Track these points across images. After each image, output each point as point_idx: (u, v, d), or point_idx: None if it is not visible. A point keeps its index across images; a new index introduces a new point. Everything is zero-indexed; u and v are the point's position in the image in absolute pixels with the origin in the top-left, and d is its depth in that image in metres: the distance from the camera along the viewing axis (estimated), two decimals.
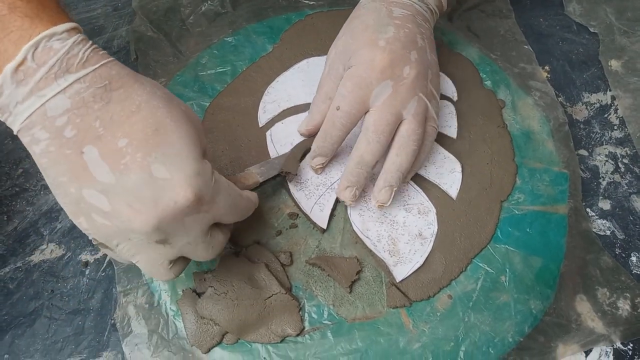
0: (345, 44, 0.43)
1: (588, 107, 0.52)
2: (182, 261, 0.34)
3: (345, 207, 0.44)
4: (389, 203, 0.41)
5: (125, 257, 0.32)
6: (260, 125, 0.47)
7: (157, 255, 0.32)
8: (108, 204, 0.28)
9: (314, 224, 0.43)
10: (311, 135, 0.44)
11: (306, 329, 0.39)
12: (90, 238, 0.34)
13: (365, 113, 0.41)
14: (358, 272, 0.41)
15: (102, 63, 0.29)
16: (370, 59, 0.41)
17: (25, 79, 0.27)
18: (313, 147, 0.43)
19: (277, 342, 0.39)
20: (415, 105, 0.41)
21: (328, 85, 0.44)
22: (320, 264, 0.41)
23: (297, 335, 0.39)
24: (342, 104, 0.41)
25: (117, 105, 0.28)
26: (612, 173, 0.49)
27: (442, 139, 0.47)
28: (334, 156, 0.46)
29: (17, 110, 0.27)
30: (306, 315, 0.40)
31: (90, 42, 0.30)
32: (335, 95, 0.42)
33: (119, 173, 0.28)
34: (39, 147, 0.28)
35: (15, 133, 0.28)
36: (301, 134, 0.45)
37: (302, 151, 0.44)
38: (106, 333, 0.41)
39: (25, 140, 0.28)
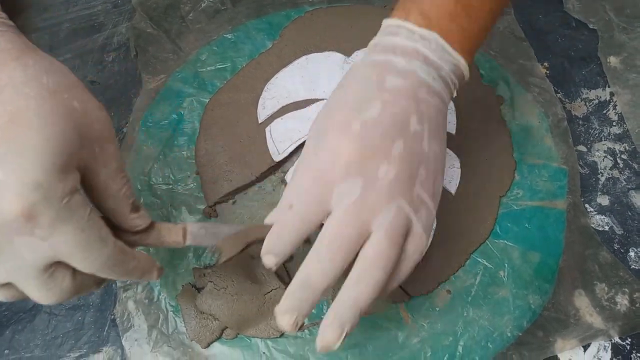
0: (319, 123, 0.32)
1: (587, 103, 0.52)
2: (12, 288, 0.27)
3: None
4: (337, 346, 0.28)
5: None
6: (260, 122, 0.47)
7: None
8: None
9: None
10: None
11: (305, 324, 0.39)
12: None
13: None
14: None
15: None
16: (334, 148, 0.30)
17: None
18: (265, 242, 0.31)
19: (277, 337, 0.39)
20: (390, 218, 0.29)
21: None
22: None
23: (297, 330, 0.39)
24: (295, 202, 0.30)
25: None
26: (611, 169, 0.49)
27: None
28: None
29: None
30: None
31: None
32: (289, 181, 0.33)
33: None
34: None
35: None
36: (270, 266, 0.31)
37: (247, 239, 0.34)
38: (106, 328, 0.41)
39: None
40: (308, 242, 0.31)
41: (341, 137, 0.30)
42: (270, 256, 0.31)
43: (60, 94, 0.26)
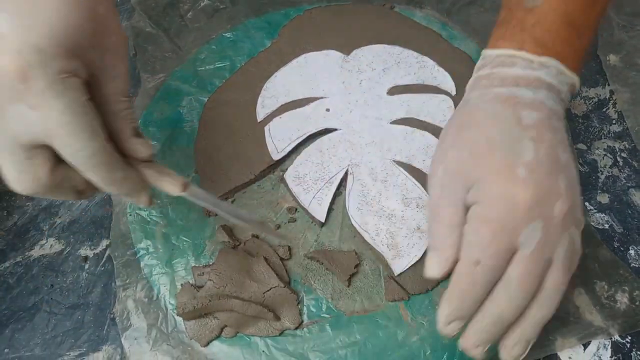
0: (461, 163, 0.33)
1: (586, 102, 0.52)
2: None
3: (344, 201, 0.44)
4: (522, 357, 0.33)
5: None
6: (259, 120, 0.47)
7: None
8: None
9: (313, 218, 0.43)
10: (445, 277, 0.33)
11: (305, 322, 0.39)
12: None
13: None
14: (357, 266, 0.41)
15: None
16: (509, 197, 0.30)
17: None
18: (446, 309, 0.32)
19: (276, 336, 0.39)
20: (566, 247, 0.31)
21: (448, 211, 0.32)
22: (319, 257, 0.41)
23: (296, 328, 0.39)
24: (482, 257, 0.30)
25: None
26: (611, 167, 0.49)
27: (440, 133, 0.47)
28: (331, 150, 0.46)
29: None
30: (305, 308, 0.40)
31: None
32: (462, 225, 0.32)
33: None
34: None
35: None
36: (432, 278, 0.33)
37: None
38: (105, 327, 0.41)
39: None
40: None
41: (511, 185, 0.30)
42: (456, 323, 0.32)
43: None
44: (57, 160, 0.27)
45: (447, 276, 0.42)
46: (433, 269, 0.32)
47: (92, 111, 0.26)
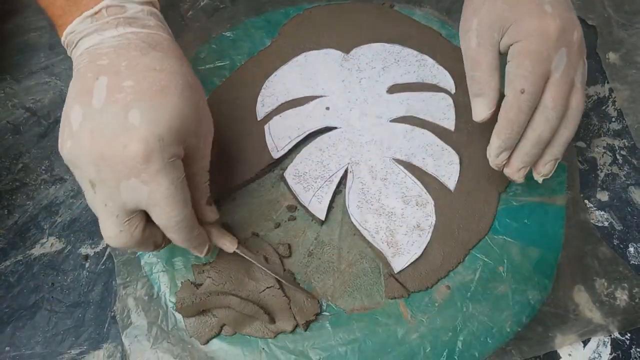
0: (496, 12, 0.38)
1: (586, 100, 0.52)
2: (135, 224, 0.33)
3: (344, 199, 0.44)
4: (550, 175, 0.40)
5: (79, 184, 0.33)
6: (259, 119, 0.48)
7: (88, 199, 0.33)
8: (79, 124, 0.31)
9: (313, 216, 0.43)
10: (492, 118, 0.39)
11: (302, 322, 0.39)
12: None
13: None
14: (317, 315, 0.40)
15: (159, 33, 0.35)
16: (543, 29, 0.36)
17: (95, 23, 0.34)
18: (497, 142, 0.38)
19: (270, 338, 0.39)
20: (582, 71, 0.39)
21: (488, 57, 0.38)
22: (287, 287, 0.40)
23: (291, 331, 0.39)
24: (526, 85, 0.36)
25: (148, 59, 0.33)
26: (610, 165, 0.49)
27: (440, 131, 0.47)
28: (331, 148, 0.46)
29: (81, 42, 0.34)
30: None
31: (160, 17, 0.37)
32: (499, 68, 0.38)
33: (107, 103, 0.31)
34: (77, 68, 0.33)
35: (74, 62, 0.35)
36: (482, 121, 0.39)
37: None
38: (106, 325, 0.41)
39: (73, 65, 0.34)
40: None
41: (544, 20, 0.36)
42: (505, 153, 0.39)
43: (195, 91, 0.34)
44: (147, 221, 0.33)
45: (447, 273, 0.42)
46: (482, 111, 0.39)
47: (186, 185, 0.33)
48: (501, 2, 0.38)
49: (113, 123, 0.30)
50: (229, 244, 0.38)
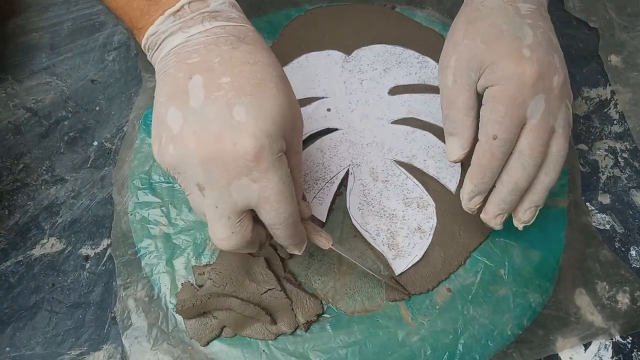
0: (473, 51, 0.37)
1: (588, 102, 0.52)
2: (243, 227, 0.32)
3: (345, 201, 0.44)
4: (531, 222, 0.39)
5: (183, 188, 0.32)
6: None
7: (195, 202, 0.32)
8: (180, 126, 0.30)
9: (313, 217, 0.43)
10: (465, 159, 0.39)
11: (303, 322, 0.39)
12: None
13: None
14: (319, 315, 0.40)
15: (244, 25, 0.34)
16: (519, 74, 0.35)
17: (179, 20, 0.33)
18: (469, 186, 0.38)
19: (271, 340, 0.39)
20: (564, 116, 0.37)
21: (463, 97, 0.38)
22: (291, 288, 0.40)
23: (292, 333, 0.39)
24: (498, 131, 0.35)
25: (240, 53, 0.32)
26: (612, 167, 0.48)
27: (441, 133, 0.46)
28: (332, 150, 0.46)
29: (165, 43, 0.33)
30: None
31: (239, 8, 0.36)
32: (477, 108, 0.38)
33: (207, 102, 0.30)
34: (164, 70, 0.32)
35: (155, 65, 0.34)
36: (455, 161, 0.39)
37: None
38: (106, 326, 0.41)
39: (157, 68, 0.34)
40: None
41: (520, 64, 0.35)
42: (478, 197, 0.38)
43: (287, 83, 0.33)
44: (254, 220, 0.33)
45: (448, 276, 0.42)
46: (455, 152, 0.39)
47: (291, 180, 0.32)
48: (480, 41, 0.37)
49: (218, 122, 0.29)
50: (324, 241, 0.38)
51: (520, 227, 0.39)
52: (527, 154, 0.36)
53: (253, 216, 0.32)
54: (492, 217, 0.38)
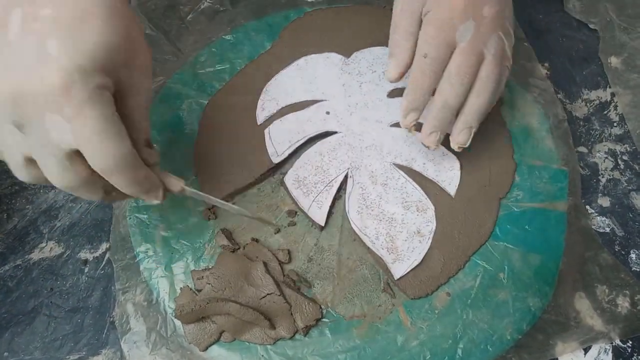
0: None
1: (587, 104, 0.52)
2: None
3: (344, 204, 0.44)
4: (467, 144, 0.42)
5: None
6: (259, 123, 0.47)
7: (14, 144, 0.30)
8: None
9: (313, 221, 0.43)
10: (402, 77, 0.43)
11: (302, 326, 0.39)
12: None
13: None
14: (317, 320, 0.40)
15: None
16: (451, 1, 0.39)
17: None
18: (404, 103, 0.42)
19: (270, 344, 0.39)
20: (495, 45, 0.40)
21: (406, 22, 0.41)
22: (290, 293, 0.40)
23: (291, 337, 0.39)
24: (428, 50, 0.39)
25: None
26: (612, 170, 0.48)
27: None
28: (331, 153, 0.46)
29: None
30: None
31: None
32: (417, 34, 0.41)
33: (22, 35, 0.28)
34: None
35: None
36: (392, 80, 0.43)
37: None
38: (105, 331, 0.41)
39: None
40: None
41: None
42: (413, 113, 0.41)
43: (124, 18, 0.30)
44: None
45: (447, 280, 0.42)
46: (391, 71, 0.42)
47: (119, 120, 0.30)
48: None
49: (29, 55, 0.27)
50: (175, 183, 0.36)
51: (455, 147, 0.42)
52: (454, 72, 0.39)
53: None
54: (426, 135, 0.42)
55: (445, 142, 0.46)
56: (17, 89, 0.27)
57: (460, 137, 0.42)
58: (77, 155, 0.29)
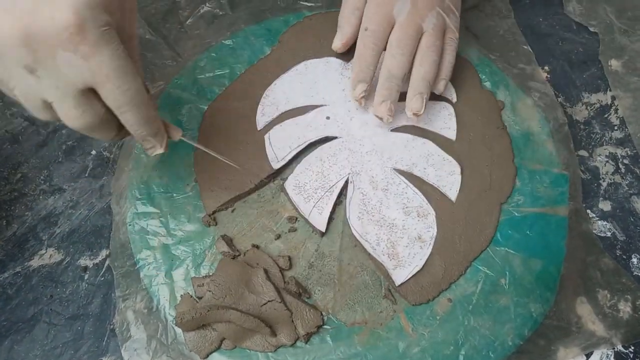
0: None
1: (588, 108, 0.52)
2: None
3: (344, 210, 0.44)
4: (422, 110, 0.45)
5: (4, 82, 0.30)
6: (259, 129, 0.47)
7: (28, 89, 0.29)
8: None
9: (313, 227, 0.43)
10: (347, 48, 0.49)
11: (303, 333, 0.39)
12: None
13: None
14: (319, 327, 0.40)
15: None
16: None
17: None
18: (352, 75, 0.46)
19: (271, 352, 0.39)
20: (434, 20, 0.45)
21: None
22: (291, 300, 0.40)
23: (292, 345, 0.39)
24: (368, 24, 0.45)
25: None
26: (613, 174, 0.48)
27: (441, 141, 0.47)
28: (331, 158, 0.45)
29: None
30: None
31: None
32: (362, 9, 0.46)
33: None
34: None
35: None
36: (336, 49, 0.49)
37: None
38: (105, 338, 0.41)
39: None
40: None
41: None
42: (361, 85, 0.45)
43: None
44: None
45: (448, 285, 0.42)
46: (336, 41, 0.49)
47: (129, 57, 0.30)
48: None
49: None
50: (174, 132, 0.37)
51: (409, 114, 0.45)
52: (395, 45, 0.44)
53: None
54: (377, 105, 0.45)
55: (444, 144, 0.46)
56: (27, 30, 0.27)
57: (412, 104, 0.45)
58: (91, 93, 0.30)
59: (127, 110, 0.31)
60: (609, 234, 0.46)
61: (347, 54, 0.51)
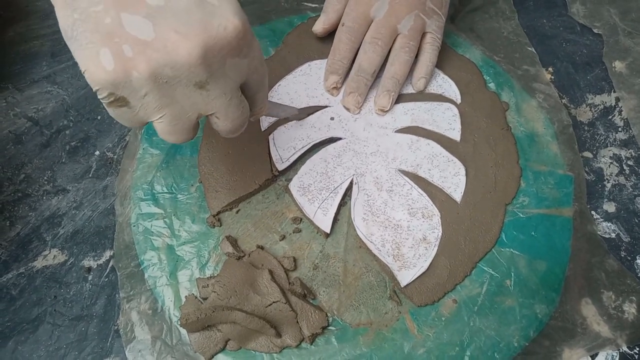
0: None
1: (592, 109, 0.52)
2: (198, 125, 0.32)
3: (349, 211, 0.44)
4: (388, 107, 0.47)
5: (148, 111, 0.29)
6: (263, 129, 0.47)
7: (191, 105, 0.29)
8: (152, 31, 0.26)
9: (318, 228, 0.43)
10: (327, 33, 0.51)
11: (308, 335, 0.39)
12: (102, 94, 0.27)
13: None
14: (324, 328, 0.40)
15: None
16: None
17: None
18: (326, 67, 0.48)
19: (276, 353, 0.39)
20: (412, 22, 0.47)
21: None
22: (296, 301, 0.40)
23: (297, 346, 0.39)
24: (345, 20, 0.48)
25: None
26: (617, 175, 0.48)
27: (445, 142, 0.47)
28: (336, 159, 0.45)
29: None
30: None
31: None
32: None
33: None
34: None
35: None
36: (316, 32, 0.50)
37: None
38: (109, 339, 0.41)
39: None
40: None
41: None
42: (332, 76, 0.48)
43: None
44: None
45: (454, 287, 0.41)
46: (317, 25, 0.50)
47: None
48: None
49: (195, 12, 0.26)
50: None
51: (376, 110, 0.47)
52: (368, 41, 0.47)
53: None
54: (346, 94, 0.47)
55: (449, 145, 0.46)
56: (204, 46, 0.27)
57: (380, 100, 0.47)
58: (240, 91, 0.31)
59: (261, 89, 0.33)
60: (613, 235, 0.46)
61: None
